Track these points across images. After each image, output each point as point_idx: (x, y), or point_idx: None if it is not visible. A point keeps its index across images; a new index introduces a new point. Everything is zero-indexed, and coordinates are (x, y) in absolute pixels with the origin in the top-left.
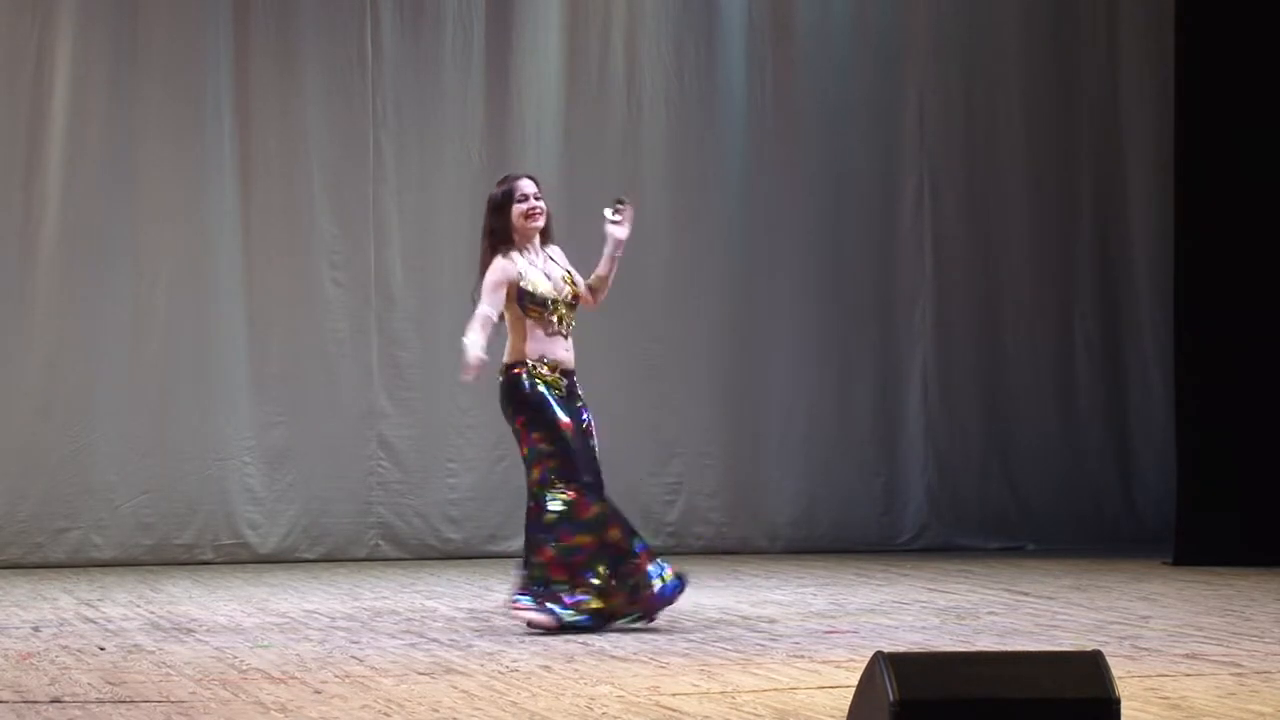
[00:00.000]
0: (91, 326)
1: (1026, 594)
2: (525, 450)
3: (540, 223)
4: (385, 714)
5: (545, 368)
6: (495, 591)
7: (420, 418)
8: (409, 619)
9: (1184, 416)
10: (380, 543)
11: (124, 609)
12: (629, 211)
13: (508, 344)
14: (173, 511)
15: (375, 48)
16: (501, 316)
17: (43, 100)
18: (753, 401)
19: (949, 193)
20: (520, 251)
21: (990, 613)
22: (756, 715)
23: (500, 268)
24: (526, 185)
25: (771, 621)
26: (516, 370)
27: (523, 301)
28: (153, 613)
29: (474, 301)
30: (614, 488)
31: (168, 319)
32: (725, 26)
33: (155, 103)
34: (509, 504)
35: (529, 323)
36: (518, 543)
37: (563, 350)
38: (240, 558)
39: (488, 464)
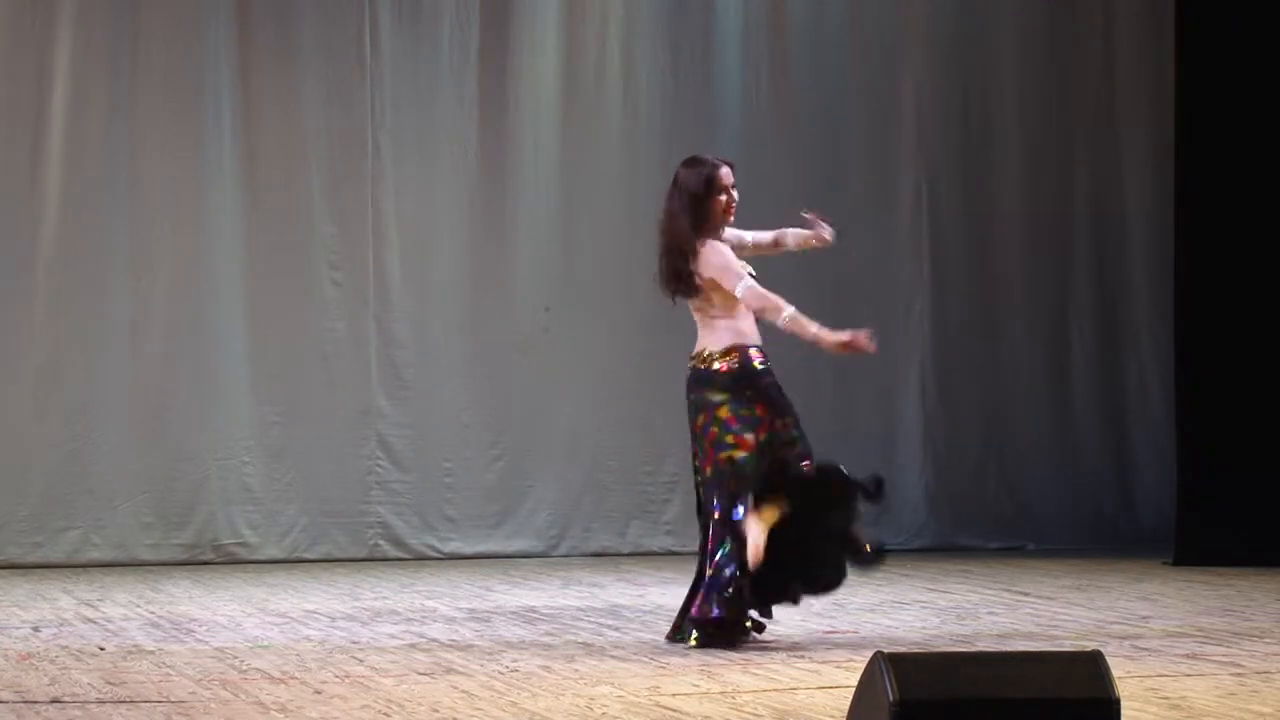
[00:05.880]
0: (91, 326)
1: (1026, 594)
2: (766, 436)
3: (732, 218)
4: (385, 714)
5: (759, 350)
6: (495, 591)
7: (419, 417)
8: (409, 619)
9: (1183, 416)
10: (380, 543)
11: (124, 609)
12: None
13: (717, 331)
14: (173, 511)
15: (374, 48)
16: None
17: (43, 100)
18: None
19: (946, 192)
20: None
21: (990, 613)
22: (756, 715)
23: (725, 250)
24: (728, 175)
25: (772, 622)
26: (751, 351)
27: None
28: (153, 613)
29: (671, 288)
30: (613, 485)
31: (168, 319)
32: (721, 26)
33: (155, 103)
34: (508, 503)
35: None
36: (517, 542)
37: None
38: (240, 558)
39: (486, 463)
